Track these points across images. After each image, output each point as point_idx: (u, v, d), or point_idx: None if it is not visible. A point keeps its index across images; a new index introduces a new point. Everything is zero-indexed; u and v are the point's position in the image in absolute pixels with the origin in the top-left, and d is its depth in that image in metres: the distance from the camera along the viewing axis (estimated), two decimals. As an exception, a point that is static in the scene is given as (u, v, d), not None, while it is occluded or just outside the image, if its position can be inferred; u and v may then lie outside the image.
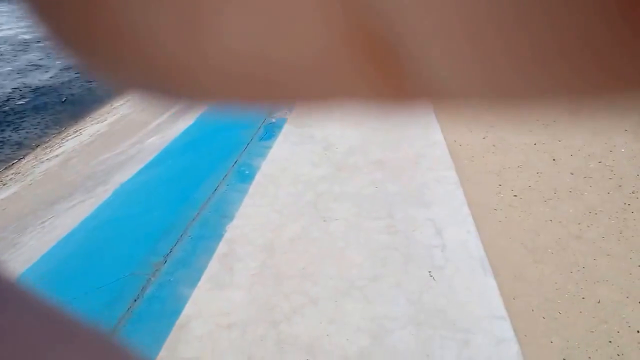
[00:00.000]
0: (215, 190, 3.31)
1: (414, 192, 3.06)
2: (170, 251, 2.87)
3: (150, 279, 2.72)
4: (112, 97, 11.38)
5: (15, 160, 6.95)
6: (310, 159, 3.44)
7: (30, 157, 7.40)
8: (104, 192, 4.00)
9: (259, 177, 3.33)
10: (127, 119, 8.48)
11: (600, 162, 3.33)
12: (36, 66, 12.83)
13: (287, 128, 3.86)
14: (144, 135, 5.93)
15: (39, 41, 15.26)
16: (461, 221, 2.78)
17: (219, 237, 2.89)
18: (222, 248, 2.81)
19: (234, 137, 3.92)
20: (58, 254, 3.22)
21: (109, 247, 3.14)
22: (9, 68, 12.27)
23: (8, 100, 9.82)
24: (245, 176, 3.38)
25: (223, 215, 3.07)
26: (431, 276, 2.41)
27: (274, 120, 4.05)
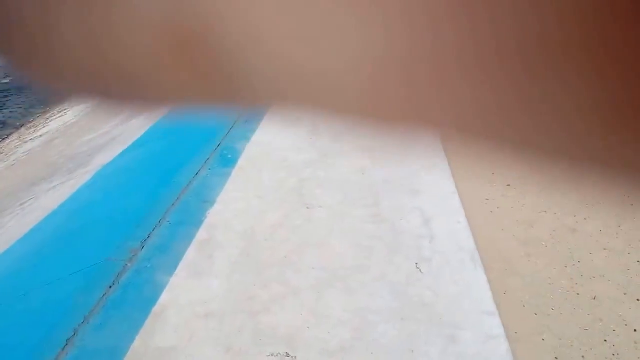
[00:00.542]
0: (197, 174, 3.18)
1: (402, 180, 2.94)
2: (148, 237, 2.74)
3: (126, 265, 2.59)
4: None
5: (-1, 140, 6.76)
6: (295, 144, 3.30)
7: (14, 136, 7.21)
8: (85, 175, 3.86)
9: (241, 162, 3.19)
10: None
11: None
12: (22, 44, 12.56)
13: (272, 111, 3.72)
14: (128, 115, 5.75)
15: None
16: (451, 211, 2.67)
17: (199, 223, 2.77)
18: (201, 234, 2.68)
19: (219, 119, 3.77)
20: (35, 237, 3.09)
21: (87, 231, 3.01)
22: (-7, 45, 11.98)
23: (-9, 78, 9.57)
24: (228, 160, 3.24)
25: (204, 200, 2.94)
26: (418, 268, 2.30)
27: (260, 103, 3.91)
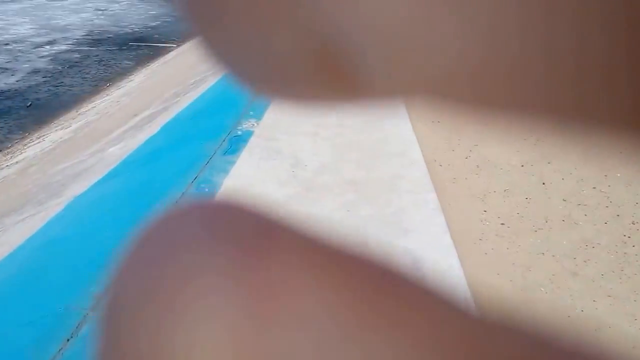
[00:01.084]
0: (171, 209, 2.96)
1: (389, 217, 2.75)
2: (115, 280, 2.51)
3: (87, 314, 2.36)
4: (78, 103, 11.02)
5: (-27, 167, 6.50)
6: (277, 177, 3.12)
7: (-10, 163, 6.96)
8: (56, 206, 3.63)
9: (219, 196, 2.99)
10: (91, 126, 8.11)
11: (594, 187, 3.06)
12: (2, 69, 12.32)
13: (253, 141, 3.54)
14: (106, 143, 5.56)
15: (6, 44, 14.69)
16: (442, 252, 2.48)
17: (171, 264, 2.54)
18: (172, 278, 2.45)
19: (197, 150, 3.58)
20: (-4, 276, 2.85)
21: (48, 273, 2.77)
22: (-27, 70, 11.75)
23: (-30, 103, 9.32)
24: (205, 194, 3.05)
25: (177, 240, 2.72)
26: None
27: (239, 133, 3.72)
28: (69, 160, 5.35)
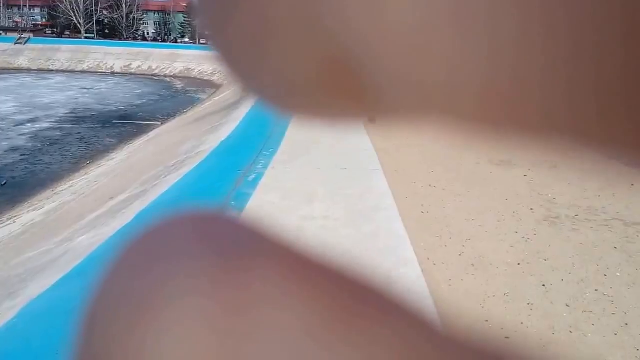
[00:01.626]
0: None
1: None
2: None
3: None
4: (55, 181, 10.79)
5: None
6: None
7: (-47, 248, 6.53)
8: (9, 311, 3.28)
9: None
10: (65, 207, 7.81)
11: (596, 290, 2.85)
12: (-21, 148, 12.09)
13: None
14: (77, 231, 5.27)
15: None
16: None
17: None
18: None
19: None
20: None
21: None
22: (-50, 148, 11.51)
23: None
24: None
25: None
26: None
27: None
28: (34, 249, 5.02)
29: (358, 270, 0.10)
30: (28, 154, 13.82)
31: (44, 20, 73.78)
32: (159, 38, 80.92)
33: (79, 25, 63.17)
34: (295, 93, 0.10)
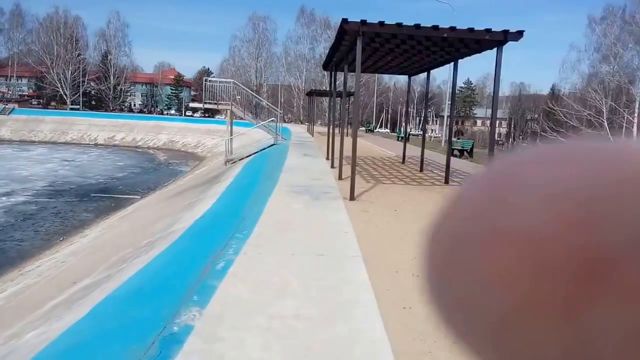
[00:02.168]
0: None
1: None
2: None
3: None
4: (24, 260, 10.30)
5: None
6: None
7: None
8: None
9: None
10: (27, 292, 7.32)
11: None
12: (-54, 225, 11.59)
13: (190, 344, 2.91)
14: (30, 323, 4.83)
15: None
16: None
17: None
18: None
19: (119, 356, 2.93)
20: None
21: None
22: None
23: None
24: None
25: None
26: None
27: (175, 329, 3.11)
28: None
29: None
30: (0, 230, 13.33)
31: (30, 90, 74.59)
32: (145, 110, 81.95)
33: (65, 96, 63.80)
34: None
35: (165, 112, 79.04)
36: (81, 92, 65.25)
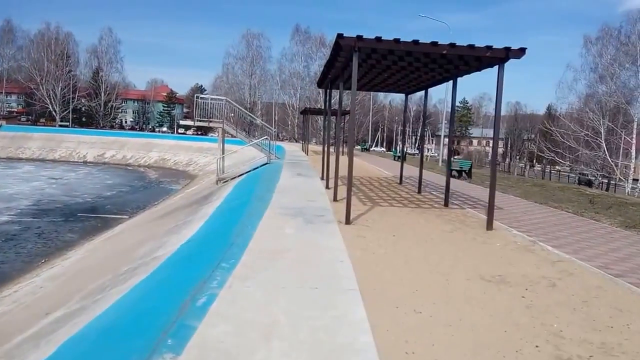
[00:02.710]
0: None
1: None
2: None
3: None
4: (1, 284, 9.76)
5: None
6: None
7: None
8: None
9: None
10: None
11: None
12: None
13: None
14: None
15: None
16: None
17: None
18: None
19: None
20: None
21: None
22: None
23: None
24: None
25: None
26: None
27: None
28: None
29: None
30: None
31: (20, 107, 73.94)
32: (136, 127, 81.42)
33: (54, 113, 63.24)
34: None
35: (157, 130, 78.59)
36: (71, 109, 64.72)
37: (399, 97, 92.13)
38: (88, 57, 71.43)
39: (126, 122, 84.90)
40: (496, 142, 8.64)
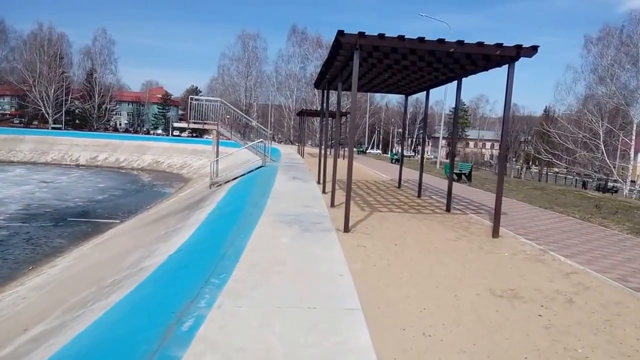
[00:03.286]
0: None
1: None
2: None
3: None
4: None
5: None
6: None
7: None
8: None
9: None
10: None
11: None
12: None
13: None
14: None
15: None
16: None
17: None
18: None
19: None
20: None
21: None
22: None
23: None
24: None
25: None
26: None
27: None
28: None
29: None
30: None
31: (12, 109, 73.18)
32: (131, 129, 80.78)
33: (47, 115, 62.55)
34: None
35: (151, 132, 78.02)
36: (64, 111, 64.03)
37: (395, 99, 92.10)
38: (81, 59, 70.88)
39: (120, 125, 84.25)
40: (504, 146, 8.27)
